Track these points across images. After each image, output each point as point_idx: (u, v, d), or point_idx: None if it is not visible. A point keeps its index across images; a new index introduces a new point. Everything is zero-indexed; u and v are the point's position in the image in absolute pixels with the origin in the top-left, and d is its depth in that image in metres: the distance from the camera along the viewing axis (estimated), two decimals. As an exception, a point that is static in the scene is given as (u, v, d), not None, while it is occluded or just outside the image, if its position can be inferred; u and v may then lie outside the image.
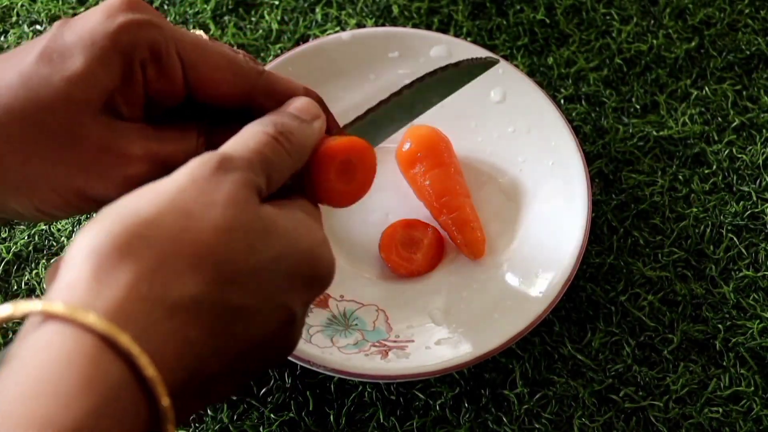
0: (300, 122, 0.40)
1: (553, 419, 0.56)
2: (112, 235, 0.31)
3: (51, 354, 0.29)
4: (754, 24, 0.71)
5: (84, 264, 0.31)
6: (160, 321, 0.30)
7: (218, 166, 0.34)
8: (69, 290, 0.30)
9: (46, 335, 0.29)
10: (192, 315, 0.31)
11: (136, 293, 0.30)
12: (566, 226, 0.58)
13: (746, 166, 0.65)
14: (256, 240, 0.33)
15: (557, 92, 0.67)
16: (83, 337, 0.29)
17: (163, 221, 0.32)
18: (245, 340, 0.33)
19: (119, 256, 0.31)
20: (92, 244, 0.31)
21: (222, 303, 0.32)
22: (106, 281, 0.30)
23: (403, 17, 0.70)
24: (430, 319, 0.57)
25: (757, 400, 0.56)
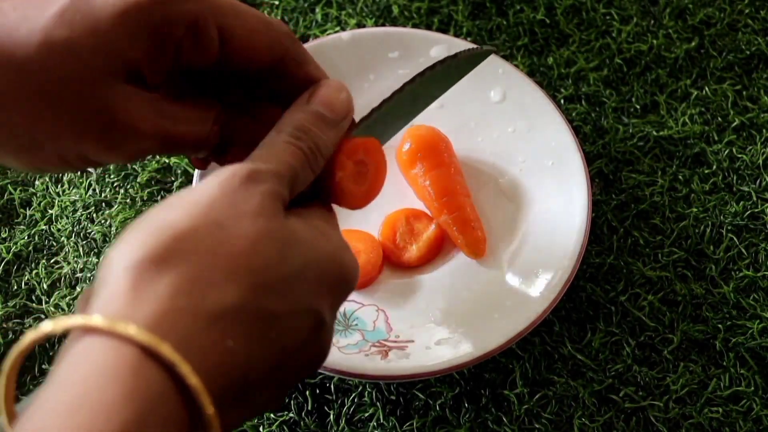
0: (328, 127, 0.39)
1: (553, 419, 0.56)
2: (148, 248, 0.31)
3: (92, 366, 0.29)
4: (754, 24, 0.71)
5: (122, 277, 0.31)
6: (199, 331, 0.30)
7: (247, 179, 0.34)
8: (108, 304, 0.30)
9: (86, 348, 0.30)
10: (230, 324, 0.31)
11: (175, 304, 0.30)
12: (566, 226, 0.58)
13: (746, 166, 0.65)
14: (286, 248, 0.34)
15: (557, 92, 0.67)
16: (124, 348, 0.29)
17: (198, 233, 0.32)
18: (280, 346, 0.33)
19: (157, 268, 0.31)
20: (129, 257, 0.31)
21: (258, 310, 0.32)
22: (144, 293, 0.30)
23: (403, 17, 0.70)
24: (430, 319, 0.57)
25: (757, 400, 0.56)
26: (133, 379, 0.28)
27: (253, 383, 0.33)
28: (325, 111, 0.40)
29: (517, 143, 0.62)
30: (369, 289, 0.58)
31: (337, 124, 0.40)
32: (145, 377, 0.29)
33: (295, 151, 0.38)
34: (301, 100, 0.40)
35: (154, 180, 0.64)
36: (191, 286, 0.31)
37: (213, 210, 0.33)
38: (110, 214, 0.62)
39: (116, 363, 0.29)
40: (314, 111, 0.39)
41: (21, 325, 0.58)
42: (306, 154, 0.38)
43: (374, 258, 0.58)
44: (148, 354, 0.29)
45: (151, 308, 0.30)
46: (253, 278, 0.32)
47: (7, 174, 0.64)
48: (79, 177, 0.64)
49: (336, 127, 0.40)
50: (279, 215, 0.35)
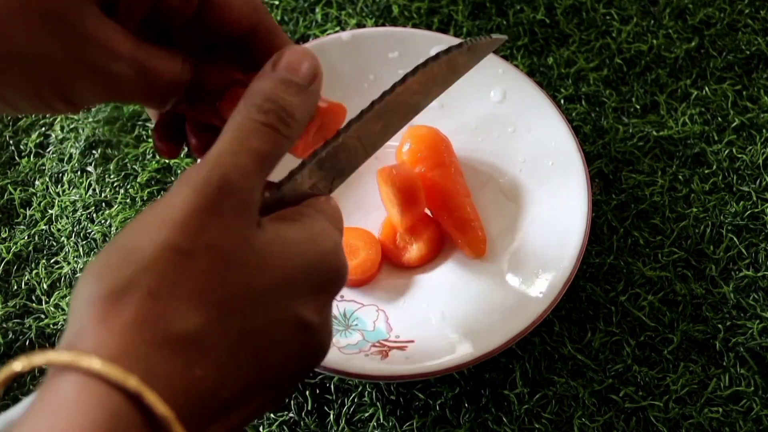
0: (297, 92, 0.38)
1: (553, 419, 0.56)
2: (111, 280, 0.32)
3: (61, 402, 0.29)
4: (754, 24, 0.71)
5: (87, 312, 0.31)
6: (165, 359, 0.31)
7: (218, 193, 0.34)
8: (75, 337, 0.31)
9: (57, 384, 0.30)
10: (196, 351, 0.31)
11: (140, 334, 0.31)
12: (566, 226, 0.58)
13: (746, 166, 0.65)
14: (255, 268, 0.34)
15: (557, 92, 0.67)
16: (91, 383, 0.29)
17: (162, 262, 0.32)
18: (256, 361, 0.33)
19: (120, 300, 0.31)
20: (91, 290, 0.32)
21: (225, 335, 0.32)
22: (109, 326, 0.31)
23: (403, 17, 0.70)
24: (430, 319, 0.57)
25: (757, 400, 0.56)
26: (101, 413, 0.29)
27: (231, 400, 0.33)
28: (292, 75, 0.38)
29: (517, 143, 0.62)
30: (369, 288, 0.58)
31: (305, 88, 0.38)
32: (113, 410, 0.29)
33: (266, 131, 0.36)
34: (266, 69, 0.39)
35: (154, 180, 0.64)
36: (155, 314, 0.31)
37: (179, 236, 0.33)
38: (110, 214, 0.62)
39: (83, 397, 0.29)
40: (280, 77, 0.38)
41: (21, 325, 0.58)
42: (277, 128, 0.37)
43: (373, 256, 0.58)
44: (115, 387, 0.29)
45: (116, 340, 0.30)
46: (218, 305, 0.32)
47: (7, 174, 0.64)
48: (79, 177, 0.64)
49: (305, 91, 0.38)
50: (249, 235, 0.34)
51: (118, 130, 0.66)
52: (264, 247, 0.34)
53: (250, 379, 0.33)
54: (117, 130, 0.66)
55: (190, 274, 0.32)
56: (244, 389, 0.33)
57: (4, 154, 0.65)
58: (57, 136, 0.66)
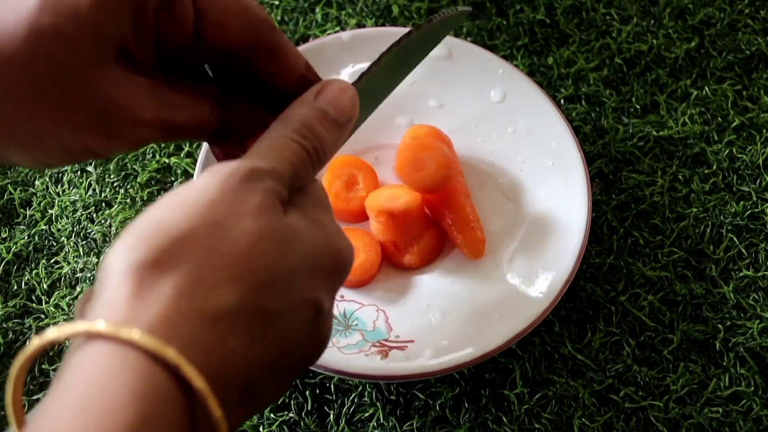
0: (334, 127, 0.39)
1: (553, 419, 0.56)
2: (148, 251, 0.31)
3: (97, 371, 0.29)
4: (754, 24, 0.71)
5: (122, 281, 0.31)
6: (202, 333, 0.31)
7: (247, 178, 0.34)
8: (110, 308, 0.30)
9: (91, 354, 0.30)
10: (232, 324, 0.31)
11: (177, 307, 0.30)
12: (566, 226, 0.58)
13: (746, 166, 0.65)
14: (285, 246, 0.34)
15: (557, 92, 0.67)
16: (128, 353, 0.29)
17: (197, 234, 0.32)
18: (281, 341, 0.34)
19: (157, 271, 0.31)
20: (129, 260, 0.31)
21: (258, 309, 0.32)
22: (146, 297, 0.30)
23: (403, 17, 0.70)
24: (430, 319, 0.57)
25: (757, 400, 0.56)
26: (138, 383, 0.28)
27: (256, 380, 0.33)
28: (332, 111, 0.39)
29: (517, 143, 0.62)
30: (369, 289, 0.58)
31: (343, 126, 0.39)
32: (150, 380, 0.29)
33: (299, 149, 0.37)
34: (307, 96, 0.39)
35: (154, 180, 0.64)
36: (192, 288, 0.31)
37: (212, 210, 0.33)
38: (110, 214, 0.62)
39: (120, 367, 0.29)
40: (321, 109, 0.39)
41: (21, 325, 0.58)
42: (309, 153, 0.38)
43: (373, 257, 0.58)
44: (153, 357, 0.29)
45: (154, 312, 0.30)
46: (254, 278, 0.32)
47: (7, 174, 0.64)
48: (79, 177, 0.64)
49: (341, 128, 0.39)
50: (278, 214, 0.35)
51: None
52: (293, 228, 0.35)
53: (274, 359, 0.33)
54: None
55: (226, 248, 0.32)
56: (270, 367, 0.33)
57: (4, 154, 0.65)
58: (57, 136, 0.66)
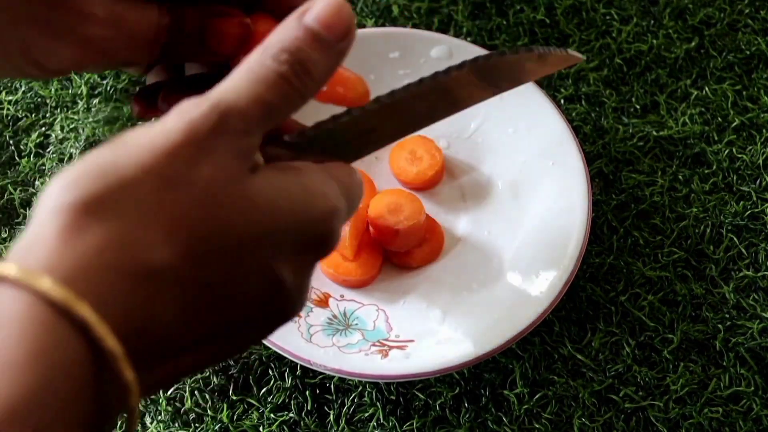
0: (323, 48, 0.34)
1: (553, 419, 0.56)
2: (84, 193, 0.28)
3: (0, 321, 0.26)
4: (754, 24, 0.71)
5: (49, 220, 0.28)
6: (124, 291, 0.28)
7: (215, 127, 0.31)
8: (29, 249, 0.28)
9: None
10: (159, 287, 0.29)
11: (101, 259, 0.28)
12: (566, 226, 0.58)
13: (746, 166, 0.65)
14: (240, 217, 0.31)
15: (557, 92, 0.67)
16: (36, 303, 0.26)
17: (144, 185, 0.29)
18: (221, 312, 0.31)
19: (89, 216, 0.28)
20: (62, 198, 0.28)
21: (193, 276, 0.30)
22: (69, 242, 0.28)
23: (403, 17, 0.70)
24: (430, 319, 0.57)
25: (757, 400, 0.56)
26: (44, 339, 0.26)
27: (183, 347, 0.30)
28: (320, 29, 0.34)
29: (517, 143, 0.62)
30: (369, 288, 0.58)
31: (333, 45, 0.34)
32: (56, 337, 0.26)
33: (277, 81, 0.33)
34: (290, 18, 0.34)
35: (154, 180, 0.64)
36: (123, 242, 0.28)
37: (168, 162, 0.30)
38: (110, 214, 0.62)
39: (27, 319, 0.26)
40: (306, 28, 0.34)
41: None
42: (291, 81, 0.33)
43: (374, 257, 0.58)
44: (62, 312, 0.26)
45: (74, 261, 0.27)
46: (194, 245, 0.30)
47: (7, 174, 0.64)
48: (79, 177, 0.64)
49: (332, 49, 0.34)
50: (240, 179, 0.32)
51: (118, 130, 0.66)
52: (253, 194, 0.32)
53: (208, 326, 0.31)
54: (117, 130, 0.66)
55: (169, 204, 0.30)
56: (201, 335, 0.31)
57: (4, 154, 0.65)
58: (57, 136, 0.66)
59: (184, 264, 0.29)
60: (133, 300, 0.28)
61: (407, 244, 0.59)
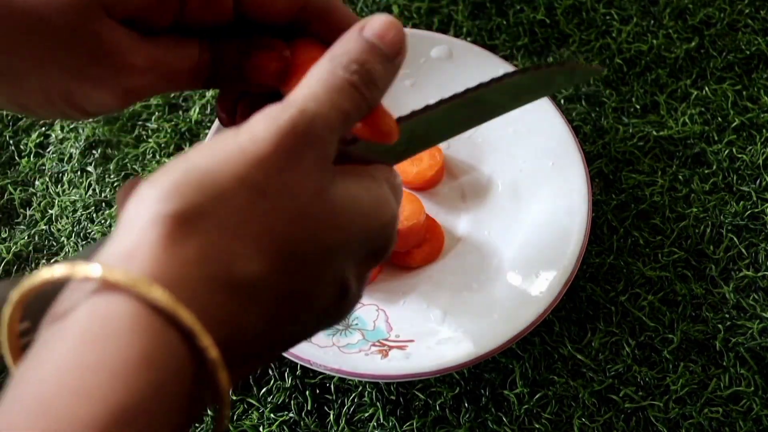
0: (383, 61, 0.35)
1: (553, 419, 0.56)
2: (184, 204, 0.29)
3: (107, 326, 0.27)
4: (754, 24, 0.71)
5: (149, 230, 0.29)
6: (222, 301, 0.29)
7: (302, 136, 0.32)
8: (130, 257, 0.28)
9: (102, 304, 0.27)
10: (250, 298, 0.30)
11: (201, 270, 0.29)
12: (566, 226, 0.58)
13: (746, 166, 0.65)
14: (324, 229, 0.32)
15: (557, 92, 0.67)
16: (143, 310, 0.27)
17: (238, 198, 0.30)
18: (299, 318, 0.32)
19: (189, 228, 0.29)
20: (161, 208, 0.29)
21: (284, 286, 0.31)
22: (171, 253, 0.28)
23: (403, 17, 0.70)
24: (430, 318, 0.57)
25: (757, 400, 0.56)
26: (151, 346, 0.27)
27: (262, 351, 0.32)
28: (380, 42, 0.35)
29: (517, 143, 0.62)
30: (369, 288, 0.58)
31: (393, 59, 0.36)
32: (164, 345, 0.27)
33: (351, 90, 0.34)
34: (353, 31, 0.36)
35: (154, 180, 0.64)
36: (220, 253, 0.29)
37: (260, 171, 0.31)
38: (110, 214, 0.62)
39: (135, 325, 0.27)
40: (369, 41, 0.35)
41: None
42: (362, 92, 0.35)
43: None
44: (168, 320, 0.27)
45: (177, 271, 0.28)
46: (286, 255, 0.31)
47: (7, 174, 0.64)
48: (79, 177, 0.64)
49: (391, 62, 0.36)
50: (325, 188, 0.32)
51: (118, 130, 0.66)
52: (336, 205, 0.33)
53: (286, 332, 0.32)
54: (117, 130, 0.66)
55: (263, 215, 0.30)
56: (278, 341, 0.32)
57: (4, 154, 0.65)
58: (57, 136, 0.66)
59: (273, 275, 0.30)
60: (228, 310, 0.29)
61: (407, 244, 0.58)
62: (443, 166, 0.62)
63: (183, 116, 0.66)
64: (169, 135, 0.65)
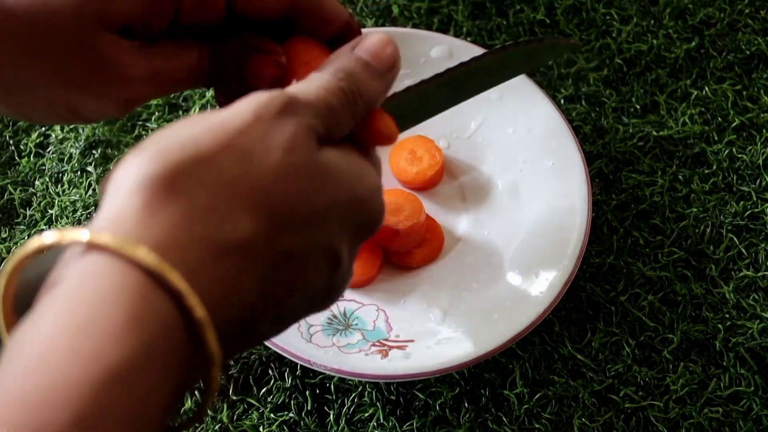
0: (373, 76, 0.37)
1: (553, 419, 0.56)
2: (167, 166, 0.29)
3: (97, 287, 0.27)
4: (754, 24, 0.71)
5: (134, 193, 0.29)
6: (210, 262, 0.29)
7: (283, 108, 0.33)
8: (117, 221, 0.29)
9: (91, 266, 0.28)
10: (242, 259, 0.30)
11: (188, 232, 0.29)
12: (566, 226, 0.58)
13: (746, 166, 0.65)
14: (313, 187, 0.32)
15: (557, 92, 0.67)
16: (131, 271, 0.27)
17: (223, 160, 0.30)
18: (291, 284, 0.32)
19: (174, 189, 0.29)
20: (145, 171, 0.29)
21: (273, 248, 0.31)
22: (157, 215, 0.29)
23: (403, 17, 0.70)
24: (430, 318, 0.57)
25: (757, 400, 0.56)
26: (141, 305, 0.27)
27: (259, 318, 0.31)
28: (371, 59, 0.37)
29: (517, 143, 0.62)
30: (369, 288, 0.58)
31: (383, 75, 0.38)
32: (153, 305, 0.27)
33: (337, 89, 0.36)
34: (345, 48, 0.38)
35: (154, 180, 0.64)
36: (207, 214, 0.29)
37: (243, 137, 0.31)
38: (110, 214, 0.62)
39: (123, 286, 0.27)
40: (359, 57, 0.37)
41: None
42: (347, 96, 0.36)
43: (374, 257, 0.58)
44: (156, 280, 0.28)
45: (163, 232, 0.28)
46: (274, 215, 0.31)
47: (7, 174, 0.64)
48: (79, 177, 0.64)
49: (382, 78, 0.37)
50: (311, 150, 0.33)
51: (118, 130, 0.66)
52: (323, 166, 0.33)
53: (281, 301, 0.32)
54: (117, 130, 0.66)
55: (249, 179, 0.31)
56: (275, 308, 0.32)
57: (4, 154, 0.65)
58: (57, 136, 0.66)
59: (265, 235, 0.30)
60: (219, 272, 0.29)
61: (407, 244, 0.58)
62: (443, 166, 0.62)
63: (183, 116, 0.66)
64: (169, 135, 0.65)
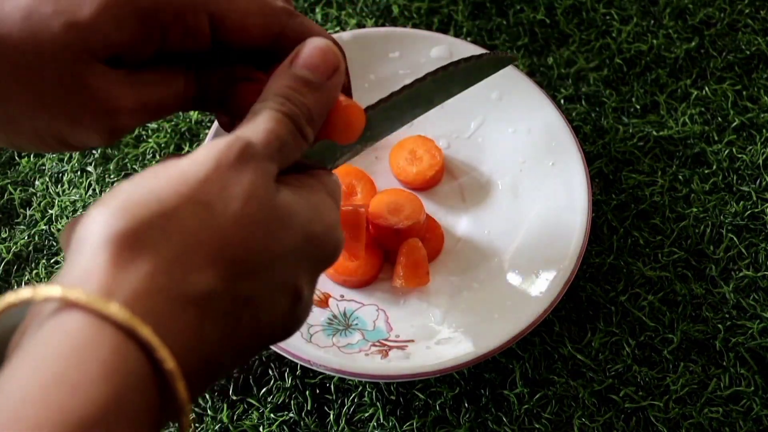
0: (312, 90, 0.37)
1: (553, 419, 0.56)
2: (132, 221, 0.30)
3: (70, 342, 0.28)
4: (754, 24, 0.71)
5: (101, 249, 0.30)
6: (176, 314, 0.30)
7: (239, 155, 0.33)
8: (86, 277, 0.30)
9: (63, 323, 0.29)
10: (205, 308, 0.31)
11: (155, 285, 0.30)
12: (566, 226, 0.58)
13: (746, 166, 0.65)
14: (271, 233, 0.33)
15: (557, 92, 0.67)
16: (103, 327, 0.28)
17: (185, 212, 0.31)
18: (255, 326, 0.33)
19: (139, 244, 0.30)
20: (111, 228, 0.30)
21: (234, 296, 0.32)
22: (124, 271, 0.30)
23: (403, 17, 0.70)
24: (430, 318, 0.57)
25: (757, 400, 0.56)
26: (112, 359, 0.28)
27: (221, 360, 0.32)
28: (308, 74, 0.38)
29: (517, 143, 0.62)
30: (369, 288, 0.58)
31: (323, 84, 0.38)
32: (124, 358, 0.28)
33: (281, 118, 0.36)
34: (283, 65, 0.38)
35: (154, 180, 0.64)
36: (172, 268, 0.30)
37: (203, 188, 0.32)
38: (110, 214, 0.62)
39: (94, 341, 0.28)
40: (295, 75, 0.38)
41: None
42: (294, 121, 0.37)
43: (374, 257, 0.58)
44: (127, 334, 0.29)
45: (131, 287, 0.29)
46: (234, 264, 0.32)
47: (7, 174, 0.64)
48: (79, 177, 0.64)
49: (321, 88, 0.38)
50: (269, 195, 0.34)
51: (118, 130, 0.66)
52: (281, 212, 0.34)
53: (244, 342, 0.33)
54: (117, 130, 0.66)
55: (211, 230, 0.32)
56: (238, 350, 0.33)
57: (4, 154, 0.65)
58: (57, 136, 0.66)
59: (227, 284, 0.32)
60: (185, 322, 0.30)
61: None
62: (443, 166, 0.62)
63: (183, 116, 0.66)
64: (169, 135, 0.65)
